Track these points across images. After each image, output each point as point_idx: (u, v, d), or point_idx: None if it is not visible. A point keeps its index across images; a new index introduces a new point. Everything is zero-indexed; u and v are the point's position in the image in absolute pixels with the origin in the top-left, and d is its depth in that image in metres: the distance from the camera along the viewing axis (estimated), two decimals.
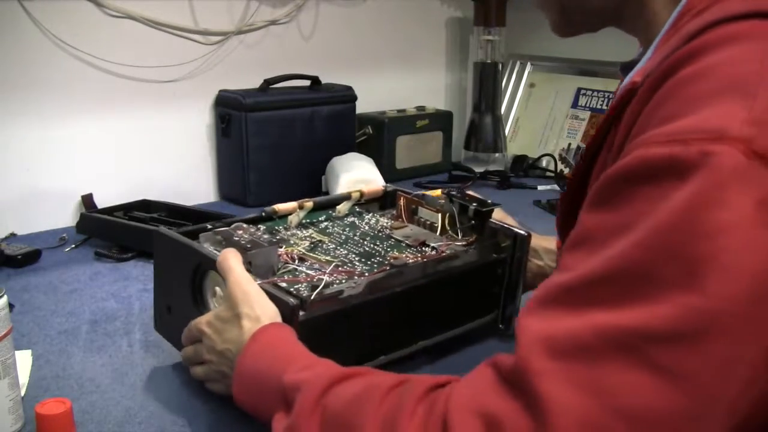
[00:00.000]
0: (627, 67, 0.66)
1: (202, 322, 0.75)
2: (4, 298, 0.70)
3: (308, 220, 0.94)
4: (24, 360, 0.86)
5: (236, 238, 0.79)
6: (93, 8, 1.39)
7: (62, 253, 1.25)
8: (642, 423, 0.42)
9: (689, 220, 0.42)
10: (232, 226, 0.84)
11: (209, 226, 0.84)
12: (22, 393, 0.77)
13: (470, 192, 0.94)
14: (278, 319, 0.70)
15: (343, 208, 0.97)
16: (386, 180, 1.48)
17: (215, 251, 0.78)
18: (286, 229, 0.91)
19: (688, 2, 0.55)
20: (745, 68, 0.45)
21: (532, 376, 0.44)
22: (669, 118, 0.46)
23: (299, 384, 0.59)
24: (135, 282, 1.12)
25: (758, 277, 0.42)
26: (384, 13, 1.83)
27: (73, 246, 1.27)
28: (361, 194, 0.98)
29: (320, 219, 0.96)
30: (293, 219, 0.91)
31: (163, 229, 0.83)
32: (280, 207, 0.91)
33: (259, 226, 0.89)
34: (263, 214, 0.89)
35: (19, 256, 1.18)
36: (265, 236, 0.82)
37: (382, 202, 1.02)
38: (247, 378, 0.66)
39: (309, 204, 0.92)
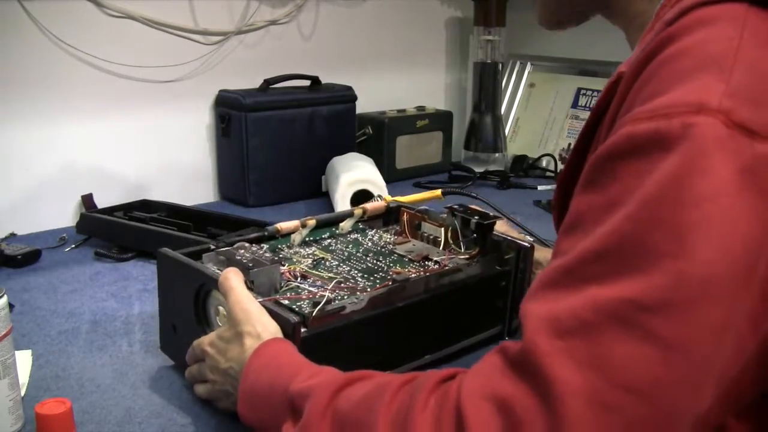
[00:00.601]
0: None
1: (205, 342, 0.75)
2: (4, 298, 0.70)
3: (311, 238, 0.94)
4: (24, 360, 0.86)
5: (238, 257, 0.79)
6: (93, 8, 1.39)
7: (62, 253, 1.25)
8: (647, 394, 0.43)
9: (675, 189, 0.43)
10: (235, 245, 0.84)
11: (212, 246, 0.84)
12: (22, 393, 0.77)
13: (473, 206, 0.94)
14: (279, 335, 0.69)
15: (346, 225, 0.97)
16: (386, 180, 1.48)
17: (218, 271, 0.78)
18: (289, 247, 0.91)
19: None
20: (721, 45, 0.46)
21: (539, 357, 0.45)
22: (652, 95, 0.47)
23: (307, 391, 0.59)
24: (135, 282, 1.12)
25: (744, 243, 0.43)
26: (384, 13, 1.83)
27: (73, 246, 1.27)
28: (364, 211, 0.98)
29: (323, 236, 0.96)
30: (296, 237, 0.91)
31: (166, 250, 0.83)
32: (283, 226, 0.91)
33: (262, 245, 0.89)
34: (266, 233, 0.89)
35: (19, 256, 1.18)
36: (267, 255, 0.83)
37: (385, 218, 1.02)
38: (252, 393, 0.66)
39: (312, 222, 0.92)
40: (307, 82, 1.64)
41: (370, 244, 0.94)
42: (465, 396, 0.48)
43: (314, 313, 0.72)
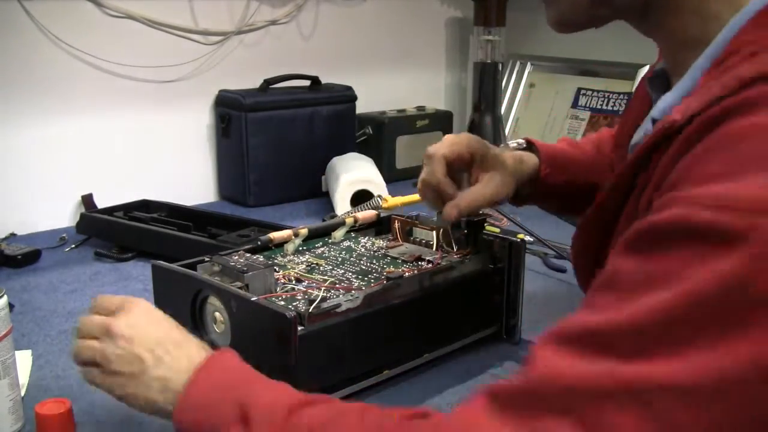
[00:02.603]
0: (655, 81, 0.63)
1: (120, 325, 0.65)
2: (4, 298, 0.70)
3: (304, 247, 0.95)
4: (24, 360, 0.86)
5: (232, 263, 0.80)
6: (93, 8, 1.39)
7: (62, 253, 1.25)
8: None
9: (731, 289, 0.41)
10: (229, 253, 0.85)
11: (206, 259, 0.84)
12: (22, 393, 0.77)
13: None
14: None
15: (338, 234, 0.98)
16: (386, 180, 1.48)
17: (214, 278, 0.79)
18: (282, 256, 0.92)
19: (737, 39, 0.52)
20: None
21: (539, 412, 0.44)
22: (715, 176, 0.44)
23: (261, 403, 0.56)
24: (135, 282, 1.12)
25: None
26: (384, 13, 1.83)
27: (73, 246, 1.27)
28: (356, 220, 0.98)
29: (316, 245, 0.96)
30: (289, 247, 0.92)
31: (161, 262, 0.84)
32: (276, 235, 0.91)
33: (256, 256, 0.89)
34: (259, 243, 0.90)
35: (19, 256, 1.18)
36: (261, 259, 0.83)
37: (377, 227, 1.03)
38: (199, 394, 0.60)
39: (304, 231, 0.92)
40: (307, 82, 1.64)
41: (363, 249, 0.95)
42: None
43: (310, 310, 0.73)
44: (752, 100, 0.44)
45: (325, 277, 0.83)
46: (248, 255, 0.84)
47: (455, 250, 0.91)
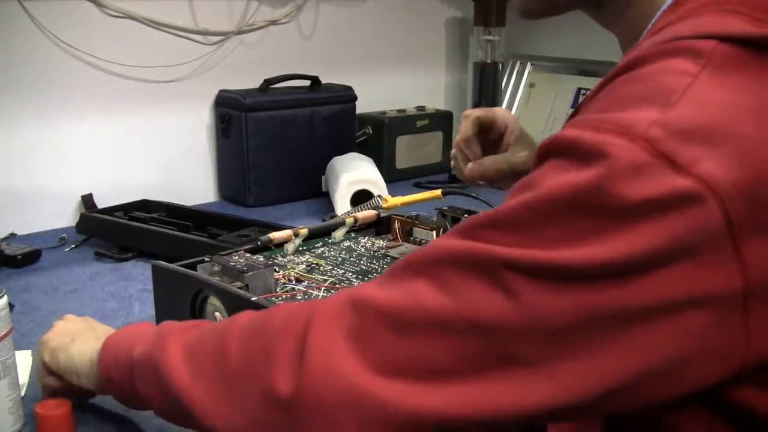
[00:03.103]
0: None
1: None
2: (4, 298, 0.70)
3: (304, 247, 0.94)
4: (24, 360, 0.86)
5: (232, 264, 0.80)
6: (93, 8, 1.39)
7: (62, 253, 1.25)
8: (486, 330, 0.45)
9: (583, 195, 0.44)
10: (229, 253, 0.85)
11: (207, 259, 0.84)
12: (22, 393, 0.77)
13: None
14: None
15: (338, 234, 0.98)
16: (386, 180, 1.48)
17: (214, 278, 0.79)
18: (282, 256, 0.92)
19: (657, 22, 0.55)
20: (677, 80, 0.45)
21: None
22: (597, 110, 0.48)
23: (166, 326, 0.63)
24: (135, 282, 1.12)
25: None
26: (384, 13, 1.83)
27: (73, 246, 1.27)
28: (356, 220, 0.98)
29: (316, 245, 0.96)
30: (289, 247, 0.92)
31: (161, 262, 0.83)
32: (276, 235, 0.91)
33: (256, 256, 0.89)
34: (259, 243, 0.90)
35: (19, 256, 1.18)
36: (261, 259, 0.83)
37: (377, 227, 1.03)
38: (117, 335, 0.68)
39: (304, 231, 0.92)
40: (307, 82, 1.64)
41: (363, 249, 0.95)
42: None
43: None
44: (645, 56, 0.48)
45: (325, 277, 0.83)
46: (248, 255, 0.84)
47: None
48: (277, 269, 0.84)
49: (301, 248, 0.93)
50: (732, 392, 0.47)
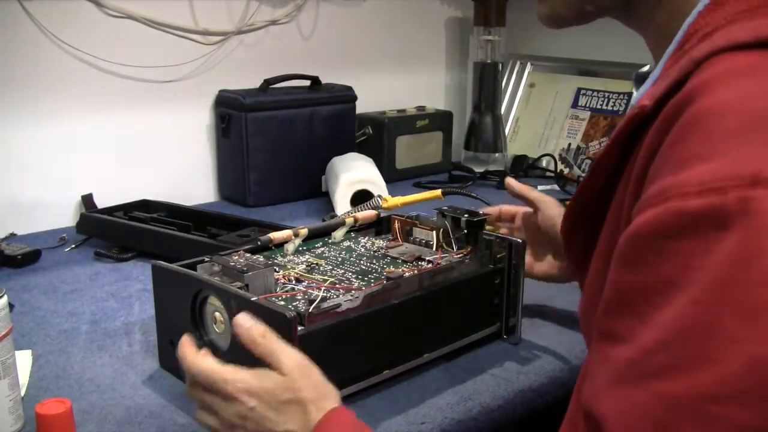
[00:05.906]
0: (641, 78, 0.63)
1: (235, 383, 0.64)
2: (4, 298, 0.70)
3: (304, 247, 0.94)
4: (24, 360, 0.86)
5: (232, 264, 0.79)
6: (93, 8, 1.39)
7: (62, 253, 1.25)
8: None
9: (741, 271, 0.40)
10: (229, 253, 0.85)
11: (207, 259, 0.84)
12: (22, 393, 0.77)
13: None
14: (337, 399, 0.64)
15: (338, 234, 0.98)
16: (386, 180, 1.48)
17: (214, 278, 0.79)
18: (282, 256, 0.92)
19: (695, 22, 0.53)
20: (763, 104, 0.43)
21: None
22: (692, 158, 0.44)
23: None
24: (135, 282, 1.12)
25: None
26: (384, 13, 1.84)
27: (73, 246, 1.27)
28: (356, 220, 0.98)
29: (316, 245, 0.96)
30: (289, 247, 0.92)
31: (161, 262, 0.83)
32: (276, 235, 0.91)
33: (256, 256, 0.89)
34: (259, 243, 0.90)
35: (19, 256, 1.18)
36: (261, 259, 0.83)
37: (377, 227, 1.03)
38: None
39: (304, 231, 0.92)
40: (307, 82, 1.64)
41: (363, 249, 0.95)
42: None
43: (310, 310, 0.73)
44: (715, 78, 0.45)
45: (325, 277, 0.83)
46: (248, 255, 0.84)
47: (455, 250, 0.91)
48: (277, 269, 0.84)
49: (301, 248, 0.93)
50: None
